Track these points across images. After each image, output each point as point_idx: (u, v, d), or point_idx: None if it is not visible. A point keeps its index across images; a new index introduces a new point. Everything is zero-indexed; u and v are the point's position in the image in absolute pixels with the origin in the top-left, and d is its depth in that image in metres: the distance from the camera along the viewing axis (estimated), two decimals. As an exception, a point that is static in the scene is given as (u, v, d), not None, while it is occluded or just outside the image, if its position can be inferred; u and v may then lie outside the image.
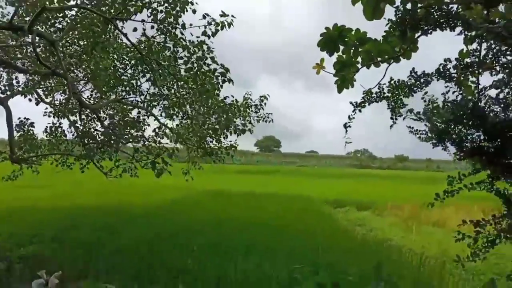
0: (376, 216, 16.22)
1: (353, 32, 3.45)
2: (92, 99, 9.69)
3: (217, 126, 7.90)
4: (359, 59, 3.63)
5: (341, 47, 3.53)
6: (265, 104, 9.76)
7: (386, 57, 3.66)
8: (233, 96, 8.20)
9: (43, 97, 10.39)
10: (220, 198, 18.90)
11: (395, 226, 13.87)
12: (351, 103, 4.20)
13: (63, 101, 10.63)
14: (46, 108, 10.75)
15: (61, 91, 10.35)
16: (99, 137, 9.74)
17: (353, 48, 3.57)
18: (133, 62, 8.05)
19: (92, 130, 9.98)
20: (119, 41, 7.77)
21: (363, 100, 4.19)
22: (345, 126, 4.05)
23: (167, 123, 8.94)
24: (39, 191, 18.64)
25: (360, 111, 4.21)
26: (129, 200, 16.59)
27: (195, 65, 6.66)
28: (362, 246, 9.75)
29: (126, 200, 16.52)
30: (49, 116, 10.80)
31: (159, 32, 6.60)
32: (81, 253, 7.71)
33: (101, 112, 9.71)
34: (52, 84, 10.03)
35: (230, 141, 9.33)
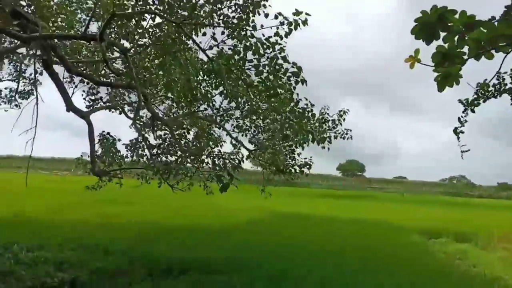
0: (480, 250, 13.89)
1: (457, 15, 2.60)
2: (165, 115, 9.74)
3: (288, 133, 7.18)
4: (465, 48, 2.74)
5: (442, 34, 2.70)
6: (343, 119, 8.85)
7: (503, 44, 2.69)
8: (306, 99, 7.38)
9: (128, 112, 10.78)
10: (297, 222, 17.98)
11: (505, 262, 11.63)
12: (460, 101, 3.29)
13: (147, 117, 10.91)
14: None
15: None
16: (176, 154, 9.71)
17: (457, 35, 2.70)
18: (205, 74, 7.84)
19: (170, 147, 10.01)
20: (193, 52, 7.66)
21: (476, 96, 3.24)
22: (455, 132, 3.18)
23: (238, 137, 8.53)
24: (121, 208, 19.65)
25: (473, 110, 3.28)
26: (202, 221, 16.51)
27: (266, 68, 6.12)
28: (465, 285, 8.13)
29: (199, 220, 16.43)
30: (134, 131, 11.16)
31: (229, 37, 6.29)
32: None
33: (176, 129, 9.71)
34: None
35: (305, 158, 8.62)
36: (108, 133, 10.16)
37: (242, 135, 8.55)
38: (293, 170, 8.42)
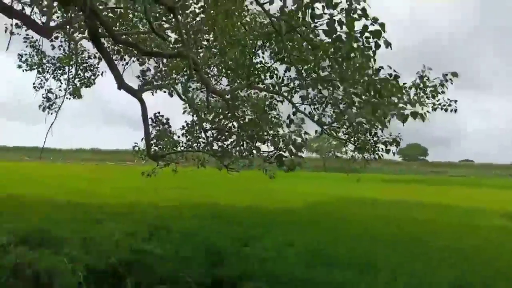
0: None
1: None
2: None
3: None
4: None
5: None
6: (446, 87, 7.14)
7: None
8: (390, 67, 5.89)
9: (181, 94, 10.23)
10: (365, 206, 16.68)
11: None
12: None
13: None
14: (186, 106, 10.59)
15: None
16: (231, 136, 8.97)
17: None
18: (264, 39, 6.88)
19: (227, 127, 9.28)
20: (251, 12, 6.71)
21: None
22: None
23: (306, 109, 7.42)
24: (183, 192, 19.53)
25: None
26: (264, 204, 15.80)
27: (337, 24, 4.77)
28: None
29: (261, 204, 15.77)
30: (189, 114, 10.61)
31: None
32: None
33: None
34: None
35: (391, 135, 7.23)
36: (162, 115, 9.68)
37: (313, 109, 7.35)
38: (376, 148, 7.27)
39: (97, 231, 8.34)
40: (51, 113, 11.14)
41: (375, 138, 7.22)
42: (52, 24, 7.00)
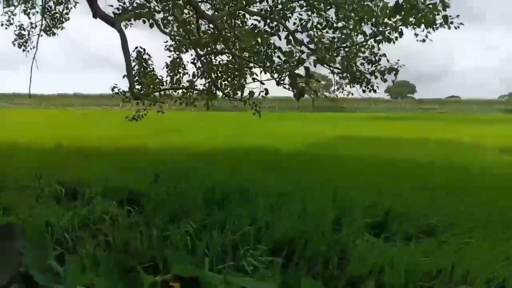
0: None
1: None
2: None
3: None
4: None
5: None
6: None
7: None
8: None
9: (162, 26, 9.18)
10: (363, 143, 16.26)
11: None
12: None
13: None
14: (167, 41, 9.58)
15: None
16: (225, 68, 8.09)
17: None
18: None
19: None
20: None
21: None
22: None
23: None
24: (177, 136, 18.61)
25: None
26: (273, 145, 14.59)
27: None
28: None
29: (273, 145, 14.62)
30: (170, 51, 9.63)
31: None
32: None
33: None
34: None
35: (389, 61, 6.63)
36: (144, 49, 8.74)
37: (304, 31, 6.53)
38: (373, 78, 6.57)
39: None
40: (28, 51, 10.10)
41: (372, 68, 6.50)
42: None
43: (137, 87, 8.77)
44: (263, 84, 4.91)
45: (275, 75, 4.57)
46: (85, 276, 1.86)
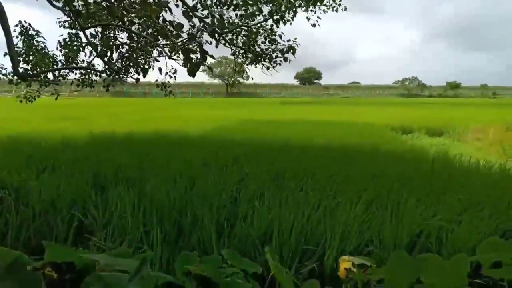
0: (456, 142, 13.61)
1: None
2: None
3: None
4: None
5: None
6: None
7: None
8: None
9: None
10: (272, 125, 16.68)
11: (484, 152, 11.33)
12: None
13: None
14: (59, 17, 8.76)
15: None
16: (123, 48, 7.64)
17: None
18: None
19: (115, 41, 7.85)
20: None
21: None
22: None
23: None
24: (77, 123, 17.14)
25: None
26: (182, 129, 14.09)
27: None
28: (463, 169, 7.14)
29: (180, 130, 13.90)
30: (64, 28, 8.82)
31: None
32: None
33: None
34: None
35: (289, 41, 6.94)
36: (30, 24, 7.87)
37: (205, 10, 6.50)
38: (274, 56, 6.81)
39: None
40: None
41: (273, 46, 6.78)
42: None
43: (24, 66, 7.95)
44: (158, 61, 4.73)
45: (166, 50, 4.47)
46: None
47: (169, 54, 4.41)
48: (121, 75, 6.66)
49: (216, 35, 6.14)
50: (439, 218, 3.60)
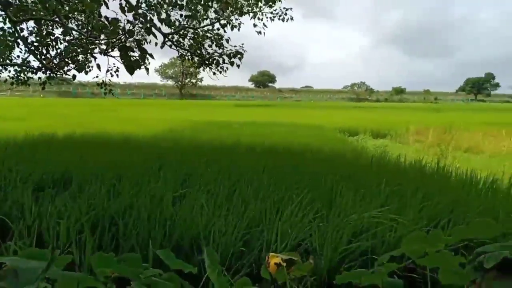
0: (398, 143, 14.34)
1: None
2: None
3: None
4: None
5: None
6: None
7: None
8: None
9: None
10: (224, 128, 16.64)
11: (423, 152, 12.01)
12: None
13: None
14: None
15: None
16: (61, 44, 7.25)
17: None
18: None
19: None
20: None
21: None
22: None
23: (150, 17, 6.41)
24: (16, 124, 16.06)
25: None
26: (128, 131, 13.56)
27: None
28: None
29: (126, 131, 13.40)
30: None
31: None
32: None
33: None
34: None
35: (235, 46, 6.96)
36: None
37: (153, 14, 6.40)
38: (221, 61, 6.78)
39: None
40: None
41: (220, 50, 6.78)
42: None
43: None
44: (95, 58, 4.54)
45: (103, 46, 4.31)
46: None
47: (104, 49, 4.25)
48: (55, 72, 6.31)
49: (161, 35, 6.03)
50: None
